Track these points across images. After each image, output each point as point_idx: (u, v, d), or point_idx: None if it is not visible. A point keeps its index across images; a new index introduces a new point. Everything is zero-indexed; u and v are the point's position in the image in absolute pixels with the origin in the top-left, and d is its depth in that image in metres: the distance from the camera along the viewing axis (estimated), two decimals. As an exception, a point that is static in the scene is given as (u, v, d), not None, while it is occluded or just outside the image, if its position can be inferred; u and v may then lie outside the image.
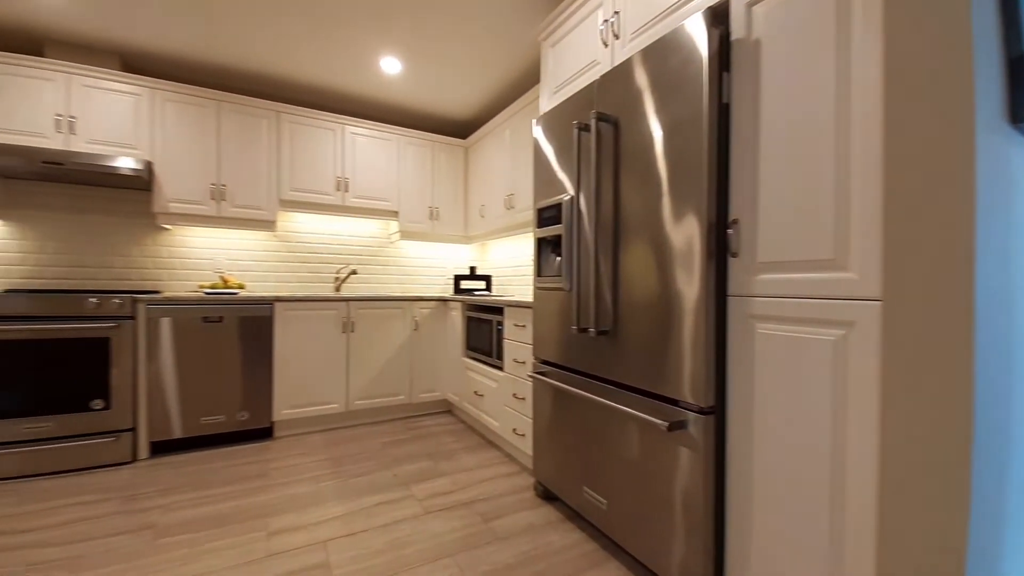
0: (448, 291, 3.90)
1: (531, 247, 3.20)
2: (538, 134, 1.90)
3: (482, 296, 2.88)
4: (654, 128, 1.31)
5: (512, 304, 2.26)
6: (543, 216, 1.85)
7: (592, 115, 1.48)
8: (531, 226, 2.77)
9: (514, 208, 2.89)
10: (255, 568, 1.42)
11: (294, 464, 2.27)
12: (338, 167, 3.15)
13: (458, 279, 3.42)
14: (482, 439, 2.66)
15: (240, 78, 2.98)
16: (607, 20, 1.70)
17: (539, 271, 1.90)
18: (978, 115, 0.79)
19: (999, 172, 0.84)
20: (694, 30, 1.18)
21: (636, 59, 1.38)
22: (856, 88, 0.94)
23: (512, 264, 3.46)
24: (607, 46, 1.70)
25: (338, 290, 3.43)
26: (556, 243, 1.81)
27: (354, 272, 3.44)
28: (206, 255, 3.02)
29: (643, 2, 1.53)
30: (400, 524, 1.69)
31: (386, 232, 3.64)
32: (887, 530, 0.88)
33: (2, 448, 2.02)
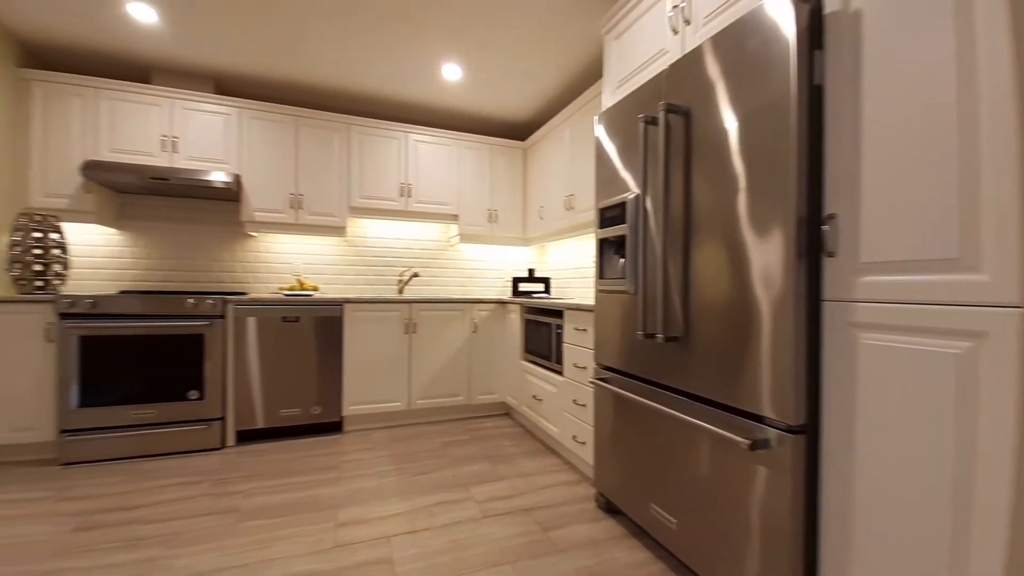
0: (506, 293, 3.91)
1: (592, 249, 3.11)
2: (600, 131, 1.83)
3: (541, 299, 2.84)
4: (731, 117, 1.20)
5: (572, 307, 2.20)
6: (605, 216, 1.78)
7: (660, 107, 1.40)
8: (592, 227, 2.69)
9: (574, 209, 2.82)
10: (324, 558, 1.49)
11: (360, 458, 2.36)
12: (402, 174, 3.26)
13: (516, 281, 3.42)
14: (541, 444, 2.62)
15: (315, 94, 3.19)
16: (676, 6, 1.60)
17: (601, 273, 1.83)
18: None
19: None
20: (779, 6, 1.07)
21: (710, 44, 1.28)
22: (983, 59, 0.79)
23: (571, 266, 3.39)
24: (676, 33, 1.60)
25: (401, 292, 3.55)
26: (619, 244, 1.73)
27: (416, 275, 3.55)
28: (285, 259, 3.26)
29: (717, -17, 1.42)
30: (460, 525, 1.70)
31: (446, 235, 3.72)
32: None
33: (117, 431, 2.30)
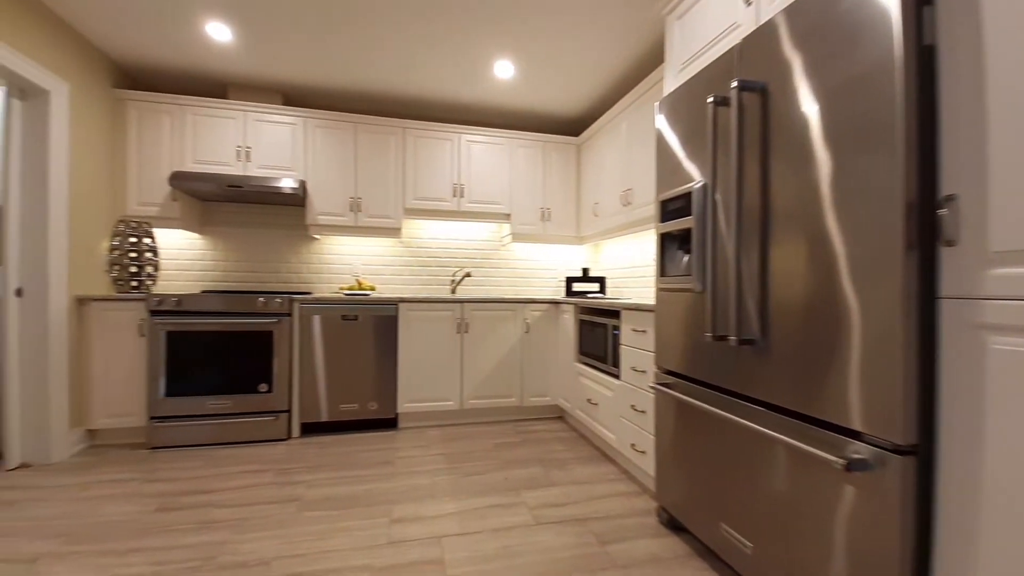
0: (559, 293, 3.82)
1: (649, 247, 2.95)
2: (661, 120, 1.71)
3: (596, 299, 2.73)
4: (819, 91, 1.06)
5: (630, 307, 2.08)
6: (668, 209, 1.66)
7: (733, 85, 1.27)
8: (651, 223, 2.54)
9: (631, 204, 2.69)
10: (377, 553, 1.49)
11: (414, 455, 2.39)
12: (454, 174, 3.29)
13: (570, 281, 3.32)
14: (596, 451, 2.51)
15: (370, 99, 3.29)
16: (749, -25, 1.45)
17: (663, 270, 1.71)
18: None
19: None
20: (882, -45, 0.92)
21: (789, 11, 1.14)
22: None
23: (627, 265, 3.25)
24: (749, 4, 1.46)
25: (453, 292, 3.58)
26: (684, 238, 1.60)
27: (468, 275, 3.56)
28: (345, 261, 3.40)
29: (799, -57, 1.26)
30: (511, 531, 1.64)
31: (499, 235, 3.70)
32: None
33: (198, 420, 2.50)
